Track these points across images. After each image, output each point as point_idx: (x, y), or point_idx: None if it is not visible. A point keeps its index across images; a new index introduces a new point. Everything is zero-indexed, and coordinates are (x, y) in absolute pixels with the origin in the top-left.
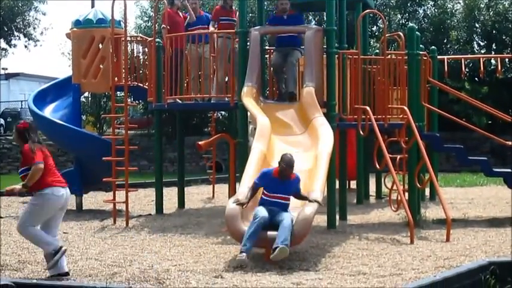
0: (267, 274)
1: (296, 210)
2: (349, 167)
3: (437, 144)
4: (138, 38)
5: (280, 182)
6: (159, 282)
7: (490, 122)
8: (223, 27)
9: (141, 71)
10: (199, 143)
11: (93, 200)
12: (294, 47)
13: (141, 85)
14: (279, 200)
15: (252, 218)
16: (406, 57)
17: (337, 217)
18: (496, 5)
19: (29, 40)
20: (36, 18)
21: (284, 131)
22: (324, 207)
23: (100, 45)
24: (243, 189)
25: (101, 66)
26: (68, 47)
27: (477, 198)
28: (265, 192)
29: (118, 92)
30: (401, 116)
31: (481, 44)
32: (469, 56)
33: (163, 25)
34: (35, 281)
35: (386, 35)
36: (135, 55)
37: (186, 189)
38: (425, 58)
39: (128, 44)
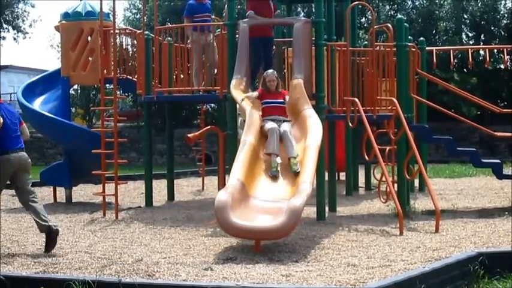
0: (257, 266)
1: (285, 202)
2: (338, 158)
3: (426, 135)
4: (127, 31)
5: None
6: (148, 274)
7: (479, 112)
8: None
9: (130, 64)
10: (189, 135)
11: (83, 192)
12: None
13: (130, 77)
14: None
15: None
16: (395, 49)
17: (327, 209)
18: None
19: (17, 32)
20: (25, 11)
21: None
22: (313, 199)
23: (89, 38)
24: (233, 181)
25: (90, 58)
26: (57, 40)
27: (466, 189)
28: None
29: (107, 85)
30: (390, 107)
31: (470, 34)
32: (458, 47)
33: (249, 11)
34: (24, 273)
35: (375, 27)
36: (124, 47)
37: (175, 181)
38: (414, 49)
39: (117, 37)
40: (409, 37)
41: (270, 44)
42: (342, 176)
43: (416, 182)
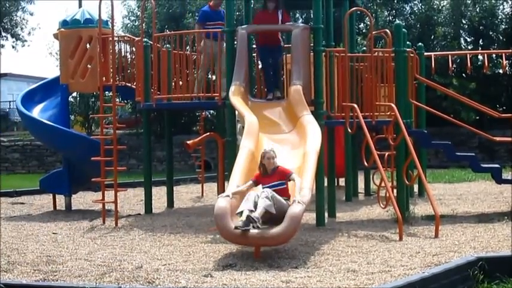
0: (257, 272)
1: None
2: (337, 164)
3: (425, 140)
4: (126, 38)
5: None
6: (148, 282)
7: (478, 117)
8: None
9: (128, 71)
10: (188, 142)
11: (82, 200)
12: None
13: (129, 85)
14: None
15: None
16: (393, 54)
17: (326, 214)
18: (482, 1)
19: (16, 40)
20: (23, 19)
21: (272, 130)
22: (312, 205)
23: (87, 45)
24: (232, 187)
25: (89, 66)
26: (55, 47)
27: (465, 194)
28: None
29: (106, 92)
30: (388, 113)
31: (468, 40)
32: (456, 52)
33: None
34: (24, 282)
35: (373, 33)
36: (123, 55)
37: (175, 188)
38: (413, 55)
39: (116, 44)
40: (408, 42)
41: (279, 52)
42: (342, 181)
43: (416, 188)
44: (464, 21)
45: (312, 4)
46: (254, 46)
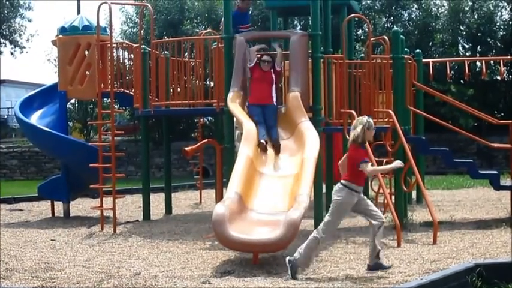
0: (255, 279)
1: (282, 215)
2: (335, 171)
3: (423, 147)
4: (124, 44)
5: None
6: None
7: (476, 124)
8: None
9: (127, 77)
10: (186, 149)
11: (80, 206)
12: None
13: (128, 91)
14: None
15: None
16: (391, 61)
17: None
18: (480, 8)
19: (15, 47)
20: (22, 25)
21: None
22: (310, 211)
23: (86, 52)
24: (230, 194)
25: (87, 72)
26: (54, 54)
27: (464, 200)
28: None
29: (104, 99)
30: (387, 119)
31: (466, 46)
32: (454, 58)
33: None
34: None
35: (371, 39)
36: (121, 61)
37: (173, 195)
38: (411, 61)
39: (114, 50)
40: (406, 49)
41: (272, 110)
42: None
43: (414, 194)
44: (462, 28)
45: (310, 11)
46: None
